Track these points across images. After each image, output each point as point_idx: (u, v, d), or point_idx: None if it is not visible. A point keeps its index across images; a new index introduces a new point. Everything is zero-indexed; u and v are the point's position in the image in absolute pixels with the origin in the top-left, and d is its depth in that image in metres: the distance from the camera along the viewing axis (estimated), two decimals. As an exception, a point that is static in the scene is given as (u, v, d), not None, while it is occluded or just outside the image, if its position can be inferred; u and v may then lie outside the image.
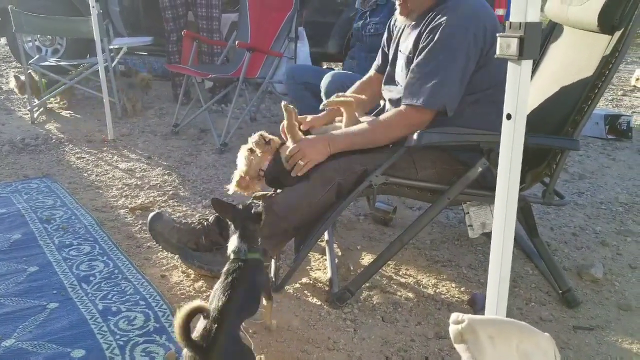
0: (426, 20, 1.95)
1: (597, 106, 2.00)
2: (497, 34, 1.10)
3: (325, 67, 6.09)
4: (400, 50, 2.12)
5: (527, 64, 1.08)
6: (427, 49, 1.91)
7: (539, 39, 1.04)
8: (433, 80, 1.89)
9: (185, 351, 1.40)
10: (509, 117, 1.10)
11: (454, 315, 0.77)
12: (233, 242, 1.72)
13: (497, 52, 1.11)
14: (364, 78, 2.43)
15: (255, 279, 1.67)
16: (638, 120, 4.99)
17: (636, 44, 8.86)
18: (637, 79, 6.66)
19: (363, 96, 2.28)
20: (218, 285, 1.60)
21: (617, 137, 4.48)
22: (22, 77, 4.69)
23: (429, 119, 1.95)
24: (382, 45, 2.37)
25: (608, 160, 3.96)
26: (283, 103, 2.02)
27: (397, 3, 2.06)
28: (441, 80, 1.88)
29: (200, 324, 1.44)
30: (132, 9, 5.91)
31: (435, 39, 1.89)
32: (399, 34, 2.19)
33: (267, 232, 1.97)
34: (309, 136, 2.06)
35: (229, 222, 1.80)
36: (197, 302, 1.35)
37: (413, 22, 2.06)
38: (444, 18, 1.88)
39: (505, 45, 1.06)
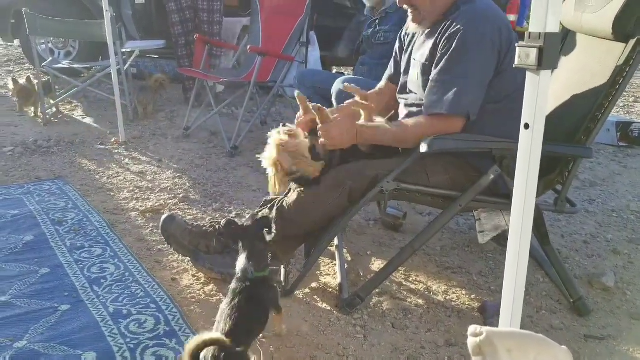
0: (442, 29, 1.95)
1: (608, 113, 2.00)
2: (516, 44, 1.10)
3: (335, 71, 6.10)
4: (415, 59, 2.11)
5: (546, 74, 1.07)
6: (446, 57, 1.91)
7: (558, 49, 1.04)
8: (454, 88, 1.88)
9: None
10: (526, 126, 1.10)
11: (472, 328, 0.77)
12: (240, 262, 1.72)
13: (516, 61, 1.10)
14: (376, 89, 2.42)
15: (262, 297, 1.67)
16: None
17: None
18: (649, 86, 6.62)
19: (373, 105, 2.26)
20: (225, 305, 1.60)
21: (628, 144, 4.46)
22: (21, 81, 4.67)
23: (458, 126, 1.93)
24: (394, 55, 2.36)
25: (619, 168, 3.94)
26: (296, 92, 2.02)
27: (409, 11, 2.06)
28: (462, 87, 1.88)
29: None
30: (145, 12, 5.95)
31: (454, 46, 1.89)
32: (413, 42, 2.19)
33: (278, 237, 1.98)
34: (340, 119, 2.00)
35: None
36: (208, 335, 1.36)
37: (427, 30, 2.06)
38: (460, 25, 1.88)
39: (525, 55, 1.06)
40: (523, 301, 1.27)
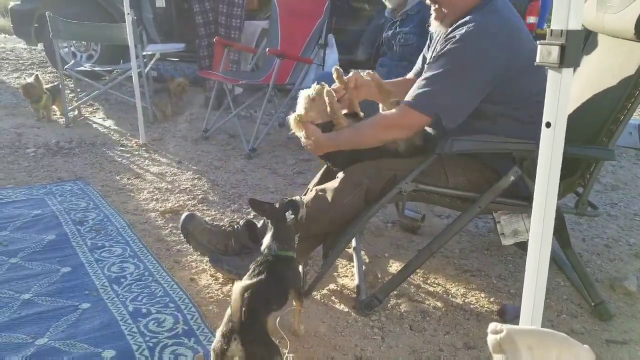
0: (452, 29, 1.94)
1: (631, 115, 1.97)
2: (538, 42, 1.09)
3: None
4: (428, 57, 2.12)
5: (568, 72, 1.06)
6: (436, 57, 1.92)
7: (580, 47, 1.03)
8: (429, 87, 1.89)
9: (213, 346, 1.45)
10: (548, 125, 1.08)
11: (492, 325, 0.77)
12: (266, 241, 1.78)
13: (538, 59, 1.09)
14: (401, 78, 2.42)
15: (283, 272, 1.72)
16: (674, 130, 4.86)
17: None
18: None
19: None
20: (246, 277, 1.67)
21: (651, 147, 4.39)
22: (29, 80, 4.70)
23: (418, 122, 1.92)
24: (423, 51, 2.36)
25: (642, 171, 3.88)
26: (335, 67, 2.10)
27: (432, 8, 2.06)
28: (437, 89, 1.87)
29: (228, 311, 1.46)
30: (165, 16, 6.02)
31: (446, 49, 1.89)
32: (433, 40, 2.18)
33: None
34: (321, 137, 2.02)
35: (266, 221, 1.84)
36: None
37: (446, 29, 2.05)
38: (463, 31, 1.86)
39: (546, 52, 1.05)
40: (543, 304, 1.26)
